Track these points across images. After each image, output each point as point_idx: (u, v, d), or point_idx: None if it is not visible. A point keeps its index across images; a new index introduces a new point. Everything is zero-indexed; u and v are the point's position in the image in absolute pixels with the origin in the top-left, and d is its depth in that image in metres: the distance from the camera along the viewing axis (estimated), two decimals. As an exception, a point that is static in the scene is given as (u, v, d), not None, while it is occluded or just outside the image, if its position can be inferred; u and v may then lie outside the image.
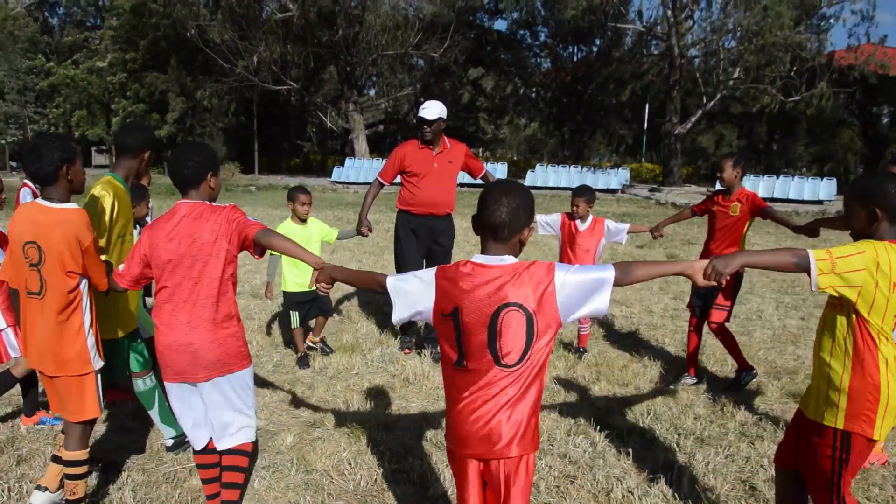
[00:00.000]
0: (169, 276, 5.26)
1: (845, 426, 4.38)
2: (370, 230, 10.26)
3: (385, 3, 51.64)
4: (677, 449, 6.93)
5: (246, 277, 15.06)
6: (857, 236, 4.56)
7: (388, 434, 7.30)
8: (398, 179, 10.23)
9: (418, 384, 8.88)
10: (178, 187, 5.34)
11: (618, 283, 4.09)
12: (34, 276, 5.51)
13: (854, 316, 4.37)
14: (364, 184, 43.92)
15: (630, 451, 6.89)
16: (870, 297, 4.26)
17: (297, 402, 8.27)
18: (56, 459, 5.87)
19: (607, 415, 7.82)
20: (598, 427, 7.43)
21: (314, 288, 5.04)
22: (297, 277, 9.78)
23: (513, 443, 3.97)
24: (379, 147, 64.43)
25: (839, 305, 4.48)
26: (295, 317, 9.96)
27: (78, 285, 5.58)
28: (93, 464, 6.50)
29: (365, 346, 10.45)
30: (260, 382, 8.89)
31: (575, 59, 63.21)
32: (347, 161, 49.38)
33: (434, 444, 7.04)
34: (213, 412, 5.42)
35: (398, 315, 4.24)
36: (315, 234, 9.88)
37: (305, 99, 60.38)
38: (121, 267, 5.49)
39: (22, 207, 5.60)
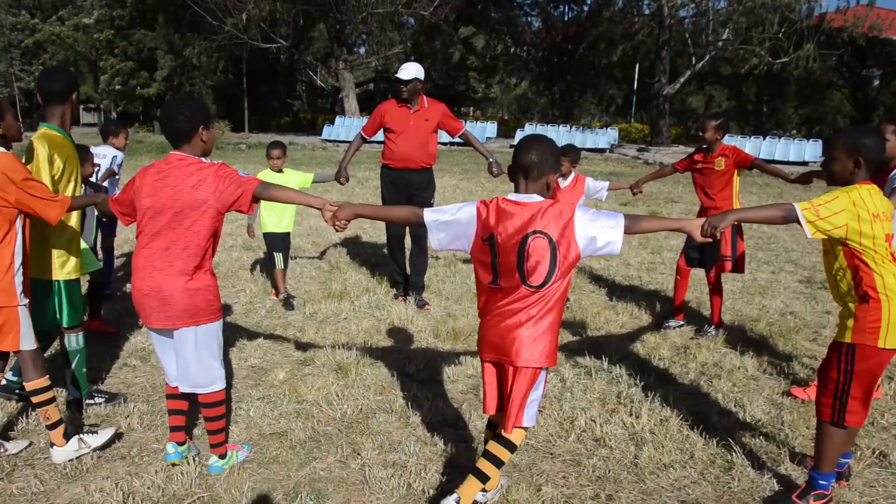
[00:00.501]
0: (148, 222, 5.53)
1: (852, 339, 5.13)
2: (347, 180, 10.85)
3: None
4: (638, 385, 7.49)
5: (238, 231, 15.54)
6: (833, 178, 5.33)
7: (373, 370, 7.88)
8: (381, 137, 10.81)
9: (402, 327, 9.44)
10: (171, 141, 5.60)
11: (627, 230, 4.84)
12: None
13: (845, 251, 5.15)
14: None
15: (595, 386, 7.46)
16: (856, 230, 4.99)
17: (288, 343, 8.83)
18: (51, 426, 6.14)
19: (577, 354, 8.38)
20: (570, 365, 8.00)
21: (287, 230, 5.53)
22: (274, 218, 10.61)
23: (527, 354, 4.78)
24: (369, 106, 64.31)
25: (829, 249, 5.28)
26: (278, 258, 10.71)
27: (11, 221, 5.81)
28: (100, 395, 7.07)
29: (353, 293, 11.01)
30: (253, 325, 9.47)
31: (566, 18, 63.22)
32: (338, 119, 49.56)
33: (414, 380, 7.61)
34: (179, 358, 5.74)
35: (440, 243, 5.03)
36: (291, 182, 10.56)
37: (295, 57, 60.18)
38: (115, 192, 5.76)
39: None
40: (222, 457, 5.87)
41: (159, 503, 5.35)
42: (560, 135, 43.54)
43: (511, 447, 4.95)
